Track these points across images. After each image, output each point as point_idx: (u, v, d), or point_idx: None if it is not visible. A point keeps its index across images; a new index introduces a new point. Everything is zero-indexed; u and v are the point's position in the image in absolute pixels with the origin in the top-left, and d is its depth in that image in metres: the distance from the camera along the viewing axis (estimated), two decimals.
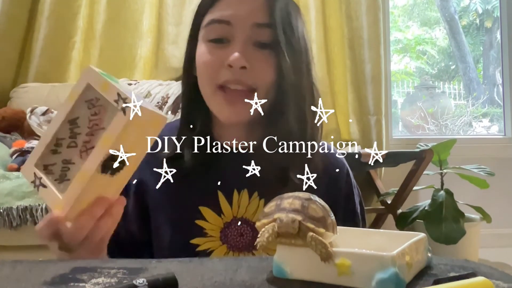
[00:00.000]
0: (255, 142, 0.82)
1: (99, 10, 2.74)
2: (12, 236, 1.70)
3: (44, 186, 0.60)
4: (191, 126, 0.82)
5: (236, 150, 0.83)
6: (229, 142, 0.84)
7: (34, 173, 0.61)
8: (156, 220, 0.82)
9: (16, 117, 2.33)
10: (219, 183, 0.81)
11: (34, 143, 2.09)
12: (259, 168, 0.76)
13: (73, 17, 2.67)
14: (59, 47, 2.65)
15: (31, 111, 2.32)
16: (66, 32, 2.66)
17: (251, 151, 0.83)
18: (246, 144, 0.83)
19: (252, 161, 0.76)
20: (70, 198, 0.57)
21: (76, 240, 0.61)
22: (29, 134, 2.28)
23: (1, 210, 1.68)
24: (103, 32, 2.73)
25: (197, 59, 0.81)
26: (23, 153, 2.02)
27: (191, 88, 0.83)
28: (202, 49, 0.80)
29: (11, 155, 2.04)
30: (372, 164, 2.37)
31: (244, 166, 0.81)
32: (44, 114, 2.33)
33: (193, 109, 0.83)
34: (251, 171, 0.78)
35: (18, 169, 1.92)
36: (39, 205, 1.71)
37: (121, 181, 0.60)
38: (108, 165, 0.57)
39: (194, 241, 0.80)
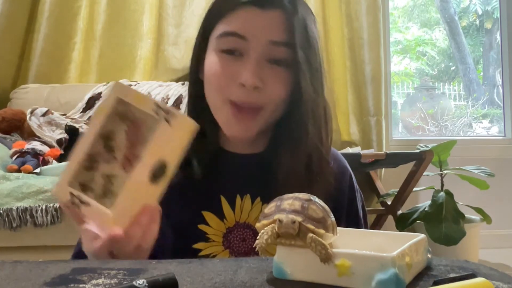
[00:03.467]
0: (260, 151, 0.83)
1: (99, 11, 2.74)
2: (12, 237, 1.70)
3: (86, 204, 0.59)
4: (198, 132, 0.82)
5: (239, 154, 0.84)
6: (232, 149, 0.84)
7: (71, 193, 0.60)
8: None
9: (16, 118, 2.33)
10: (222, 188, 0.82)
11: (34, 144, 2.09)
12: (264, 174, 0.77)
13: (73, 18, 2.67)
14: (59, 47, 2.65)
15: (31, 112, 2.32)
16: (66, 33, 2.66)
17: (255, 157, 0.83)
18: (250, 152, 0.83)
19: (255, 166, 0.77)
20: (122, 211, 0.57)
21: (127, 250, 0.61)
22: (29, 135, 2.28)
23: (1, 211, 1.68)
24: (103, 33, 2.73)
25: (206, 68, 0.79)
26: (23, 154, 2.02)
27: (198, 92, 0.81)
28: (212, 59, 0.78)
29: (11, 156, 2.04)
30: (372, 165, 2.37)
31: (247, 172, 0.82)
32: (44, 115, 2.33)
33: (199, 113, 0.82)
34: (254, 177, 0.78)
35: (18, 170, 1.92)
36: (39, 206, 1.71)
37: (162, 188, 0.60)
38: (157, 174, 0.58)
39: (197, 245, 0.80)
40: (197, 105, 0.82)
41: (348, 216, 0.85)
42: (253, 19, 0.75)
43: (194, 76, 0.83)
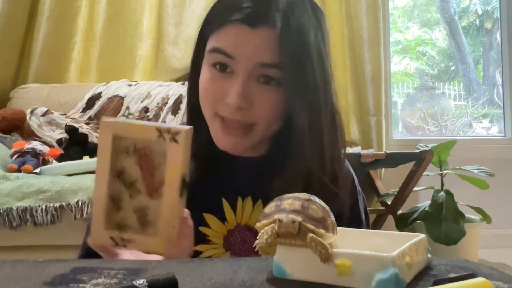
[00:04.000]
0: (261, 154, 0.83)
1: (99, 11, 2.74)
2: (12, 237, 1.70)
3: (131, 241, 0.61)
4: (197, 133, 0.82)
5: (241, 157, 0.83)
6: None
7: (112, 238, 0.61)
8: None
9: (16, 117, 2.33)
10: (223, 190, 0.81)
11: (34, 143, 2.09)
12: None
13: (73, 17, 2.67)
14: (59, 47, 2.65)
15: (31, 112, 2.32)
16: (66, 33, 2.66)
17: (256, 159, 0.83)
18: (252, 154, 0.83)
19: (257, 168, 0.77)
20: (168, 233, 0.60)
21: None
22: (29, 134, 2.28)
23: (1, 211, 1.68)
24: (103, 32, 2.73)
25: (200, 81, 0.78)
26: (23, 154, 2.02)
27: (195, 96, 0.80)
28: (205, 73, 0.77)
29: (11, 156, 2.04)
30: (372, 165, 2.37)
31: (249, 174, 0.82)
32: (44, 115, 2.33)
33: (198, 116, 0.81)
34: (256, 179, 0.78)
35: (18, 170, 1.92)
36: (39, 205, 1.71)
37: (186, 196, 0.63)
38: (182, 191, 0.60)
39: (198, 247, 0.80)
40: (196, 108, 0.81)
41: (351, 219, 0.84)
42: (243, 38, 0.73)
43: (193, 82, 0.82)
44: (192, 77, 0.82)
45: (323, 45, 0.78)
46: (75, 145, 2.13)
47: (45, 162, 2.04)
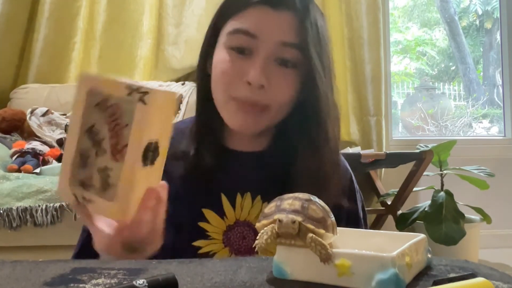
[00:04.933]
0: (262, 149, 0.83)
1: (99, 11, 2.74)
2: (12, 237, 1.70)
3: (91, 202, 0.59)
4: (204, 128, 0.82)
5: (240, 152, 0.84)
6: (234, 147, 0.84)
7: (74, 194, 0.60)
8: None
9: (16, 118, 2.33)
10: (222, 185, 0.82)
11: (34, 144, 2.09)
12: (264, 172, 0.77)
13: (73, 17, 2.67)
14: (59, 47, 2.65)
15: (31, 112, 2.32)
16: (66, 33, 2.66)
17: (256, 155, 0.83)
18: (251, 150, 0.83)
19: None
20: (125, 200, 0.57)
21: (141, 237, 0.62)
22: (29, 135, 2.28)
23: (1, 211, 1.68)
24: (103, 32, 2.73)
25: (214, 64, 0.79)
26: (23, 154, 2.02)
27: (205, 87, 0.81)
28: (221, 56, 0.78)
29: (11, 156, 2.04)
30: (372, 165, 2.37)
31: (248, 170, 0.82)
32: (44, 115, 2.33)
33: (204, 109, 0.82)
34: (255, 175, 0.78)
35: (18, 170, 1.92)
36: (39, 206, 1.71)
37: (160, 166, 0.60)
38: (147, 156, 0.57)
39: (197, 243, 0.80)
40: (204, 100, 0.82)
41: (348, 217, 0.85)
42: (265, 18, 0.76)
43: (202, 71, 0.83)
44: (201, 70, 0.83)
45: (329, 42, 0.81)
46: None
47: (45, 162, 2.04)
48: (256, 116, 0.77)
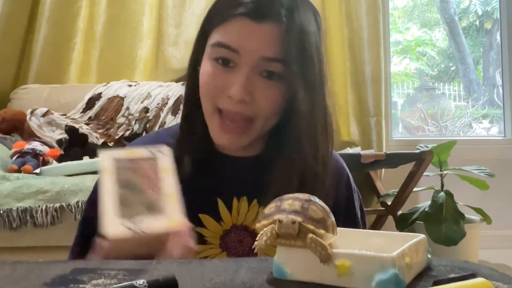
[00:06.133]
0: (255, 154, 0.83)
1: (99, 11, 2.74)
2: (12, 237, 1.70)
3: (143, 224, 0.66)
4: (192, 133, 0.82)
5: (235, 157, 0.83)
6: (229, 152, 0.84)
7: (124, 225, 0.66)
8: None
9: (16, 118, 2.33)
10: (218, 190, 0.81)
11: (34, 144, 2.09)
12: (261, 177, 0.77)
13: (73, 18, 2.67)
14: (59, 48, 2.65)
15: (31, 113, 2.32)
16: (66, 33, 2.66)
17: (251, 159, 0.83)
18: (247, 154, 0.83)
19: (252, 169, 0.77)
20: (174, 209, 0.68)
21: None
22: (29, 135, 2.28)
23: (1, 212, 1.68)
24: (103, 33, 2.73)
25: (200, 74, 0.78)
26: (23, 154, 2.02)
27: (194, 94, 0.81)
28: (206, 67, 0.77)
29: (11, 156, 2.04)
30: (372, 165, 2.37)
31: (243, 174, 0.82)
32: (44, 115, 2.33)
33: (195, 114, 0.82)
34: (251, 179, 0.78)
35: (18, 170, 1.91)
36: (39, 206, 1.71)
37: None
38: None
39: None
40: (193, 106, 0.82)
41: (346, 216, 0.85)
42: (247, 32, 0.73)
43: (192, 79, 0.82)
44: (191, 73, 0.82)
45: (320, 46, 0.79)
46: (75, 145, 2.13)
47: (45, 163, 2.03)
48: (238, 134, 0.76)
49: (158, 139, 0.84)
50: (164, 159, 0.72)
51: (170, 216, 0.67)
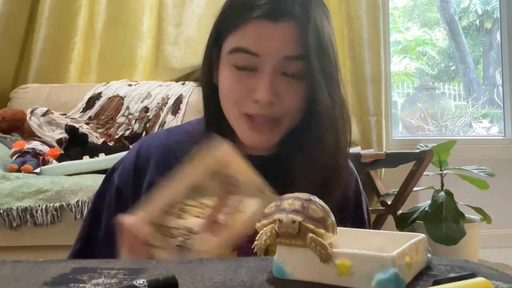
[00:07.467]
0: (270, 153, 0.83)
1: (99, 11, 2.74)
2: (12, 237, 1.70)
3: (191, 234, 0.63)
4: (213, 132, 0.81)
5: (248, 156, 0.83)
6: (241, 150, 0.83)
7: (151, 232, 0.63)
8: None
9: (16, 117, 2.33)
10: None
11: (34, 143, 2.09)
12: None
13: (73, 17, 2.67)
14: (59, 47, 2.65)
15: (31, 112, 2.32)
16: (66, 33, 2.66)
17: (264, 159, 0.83)
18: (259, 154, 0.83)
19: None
20: (228, 238, 0.63)
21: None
22: (29, 135, 2.28)
23: (1, 211, 1.68)
24: (103, 32, 2.73)
25: (221, 81, 0.78)
26: (23, 154, 2.02)
27: (212, 96, 0.80)
28: (226, 74, 0.76)
29: (11, 156, 2.04)
30: (372, 165, 2.37)
31: (258, 173, 0.82)
32: (44, 115, 2.33)
33: (214, 117, 0.81)
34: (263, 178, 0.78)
35: (18, 170, 1.91)
36: (39, 205, 1.71)
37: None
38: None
39: None
40: (211, 108, 0.82)
41: (354, 219, 0.85)
42: (265, 34, 0.73)
43: (207, 80, 0.82)
44: (206, 80, 0.81)
45: (333, 37, 0.79)
46: (75, 145, 2.13)
47: (45, 162, 2.03)
48: (269, 132, 0.76)
49: (170, 137, 0.84)
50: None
51: (224, 240, 0.63)
